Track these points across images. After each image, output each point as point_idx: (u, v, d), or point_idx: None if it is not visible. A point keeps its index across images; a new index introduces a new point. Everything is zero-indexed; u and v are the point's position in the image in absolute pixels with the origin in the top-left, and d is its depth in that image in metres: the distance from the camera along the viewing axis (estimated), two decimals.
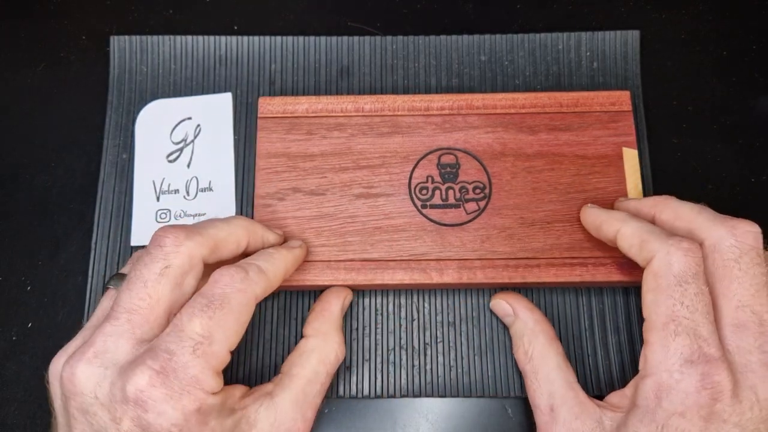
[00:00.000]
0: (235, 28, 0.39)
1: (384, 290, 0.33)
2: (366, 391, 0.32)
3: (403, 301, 0.33)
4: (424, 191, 0.33)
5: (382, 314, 0.33)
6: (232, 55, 0.37)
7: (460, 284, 0.32)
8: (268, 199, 0.33)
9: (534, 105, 0.34)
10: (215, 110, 0.36)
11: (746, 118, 0.37)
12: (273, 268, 0.27)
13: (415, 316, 0.33)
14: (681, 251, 0.25)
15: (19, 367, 0.33)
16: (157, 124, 0.36)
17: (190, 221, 0.34)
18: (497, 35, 0.38)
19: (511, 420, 0.32)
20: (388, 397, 0.32)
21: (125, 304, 0.24)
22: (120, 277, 0.28)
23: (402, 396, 0.32)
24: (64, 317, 0.34)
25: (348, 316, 0.33)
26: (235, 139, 0.36)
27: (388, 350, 0.33)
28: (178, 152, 0.35)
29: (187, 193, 0.35)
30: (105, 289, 0.29)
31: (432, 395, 0.32)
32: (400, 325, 0.33)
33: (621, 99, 0.34)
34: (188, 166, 0.35)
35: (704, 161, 0.36)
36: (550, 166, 0.33)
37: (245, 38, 0.37)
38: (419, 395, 0.32)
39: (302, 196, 0.33)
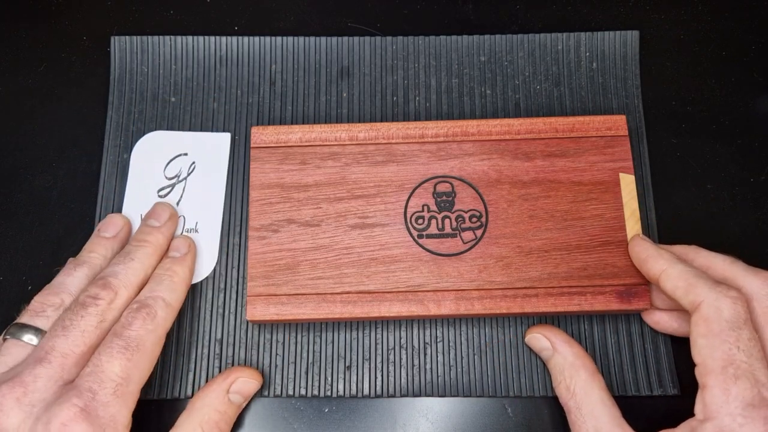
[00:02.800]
0: (236, 28, 0.39)
1: None
2: (366, 391, 0.32)
3: None
4: (420, 220, 0.33)
5: None
6: (233, 55, 0.37)
7: (457, 315, 0.32)
8: (262, 231, 0.32)
9: (529, 131, 0.34)
10: (212, 149, 0.36)
11: (746, 118, 0.37)
12: (176, 296, 0.30)
13: None
14: (730, 299, 0.25)
15: None
16: (152, 156, 0.35)
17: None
18: (497, 35, 0.38)
19: (511, 420, 0.32)
20: (388, 396, 0.32)
21: (61, 349, 0.26)
22: (20, 327, 0.28)
23: (402, 395, 0.32)
24: None
25: None
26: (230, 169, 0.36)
27: (388, 350, 0.33)
28: (170, 188, 0.35)
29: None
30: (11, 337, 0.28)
31: (432, 395, 0.32)
32: (400, 325, 0.33)
33: (617, 123, 0.34)
34: (178, 203, 0.35)
35: (704, 161, 0.36)
36: (546, 194, 0.33)
37: (245, 38, 0.37)
38: (419, 395, 0.32)
39: (297, 227, 0.32)
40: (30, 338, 0.28)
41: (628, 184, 0.33)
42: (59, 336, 0.27)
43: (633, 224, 0.32)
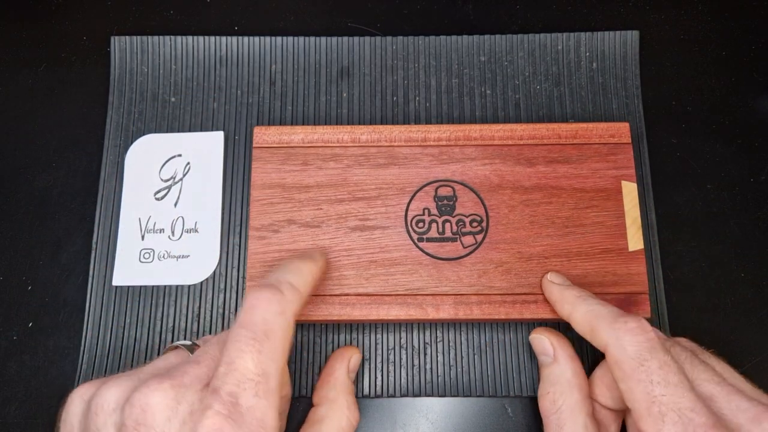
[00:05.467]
0: (236, 28, 0.39)
1: None
2: (366, 391, 0.32)
3: None
4: (421, 224, 0.33)
5: None
6: (233, 55, 0.37)
7: (456, 319, 0.31)
8: (263, 231, 0.32)
9: (532, 136, 0.34)
10: (206, 149, 0.36)
11: (746, 118, 0.37)
12: (303, 282, 0.27)
13: None
14: (629, 333, 0.25)
15: (19, 366, 0.33)
16: (146, 159, 0.35)
17: (172, 262, 0.34)
18: (497, 35, 0.38)
19: (511, 419, 0.32)
20: (388, 396, 0.32)
21: (213, 352, 0.25)
22: (194, 346, 0.28)
23: (402, 395, 0.32)
24: (65, 317, 0.34)
25: None
26: (223, 170, 0.36)
27: (388, 350, 0.33)
28: (166, 190, 0.35)
29: (173, 233, 0.34)
30: (172, 346, 0.28)
31: (432, 395, 0.32)
32: (400, 325, 0.33)
33: (620, 131, 0.34)
34: (175, 205, 0.34)
35: (704, 161, 0.36)
36: (547, 200, 0.33)
37: (245, 38, 0.37)
38: (419, 395, 0.32)
39: (297, 228, 0.32)
40: (187, 346, 0.27)
41: (630, 192, 0.33)
42: (212, 342, 0.26)
43: (634, 232, 0.32)
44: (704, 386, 0.25)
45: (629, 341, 0.25)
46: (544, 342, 0.30)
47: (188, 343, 0.28)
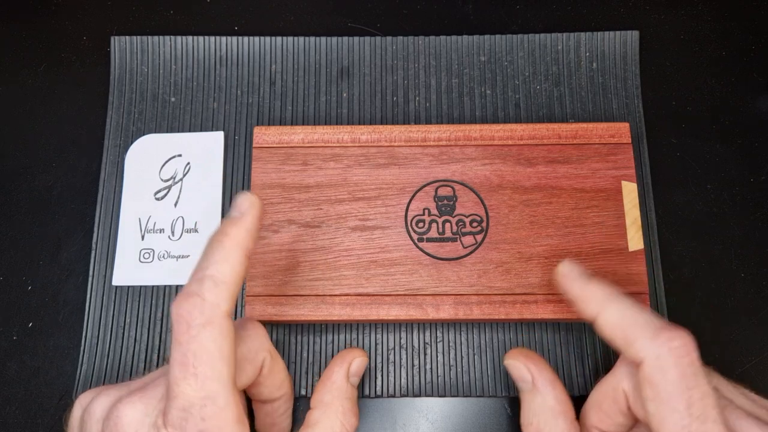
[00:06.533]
0: (236, 28, 0.39)
1: None
2: (366, 391, 0.32)
3: None
4: (421, 224, 0.33)
5: None
6: (233, 55, 0.37)
7: (456, 319, 0.31)
8: (263, 231, 0.32)
9: (532, 136, 0.34)
10: (206, 149, 0.36)
11: (746, 118, 0.37)
12: (229, 268, 0.23)
13: None
14: (673, 355, 0.22)
15: (19, 366, 0.33)
16: (146, 159, 0.35)
17: (172, 262, 0.34)
18: (497, 35, 0.38)
19: (510, 419, 0.32)
20: (388, 396, 0.32)
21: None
22: None
23: (402, 396, 0.32)
24: (65, 317, 0.34)
25: None
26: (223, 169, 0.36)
27: (388, 350, 0.33)
28: (166, 190, 0.35)
29: (172, 233, 0.34)
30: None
31: (432, 395, 0.32)
32: (400, 325, 0.33)
33: (621, 131, 0.34)
34: (175, 205, 0.34)
35: (704, 161, 0.36)
36: (548, 200, 0.33)
37: (245, 38, 0.37)
38: (419, 395, 0.32)
39: (297, 228, 0.32)
40: None
41: (630, 192, 0.33)
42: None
43: (634, 233, 0.32)
44: (732, 418, 0.23)
45: (671, 363, 0.22)
46: (521, 369, 0.28)
47: None
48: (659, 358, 0.22)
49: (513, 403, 0.32)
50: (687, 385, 0.22)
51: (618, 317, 0.24)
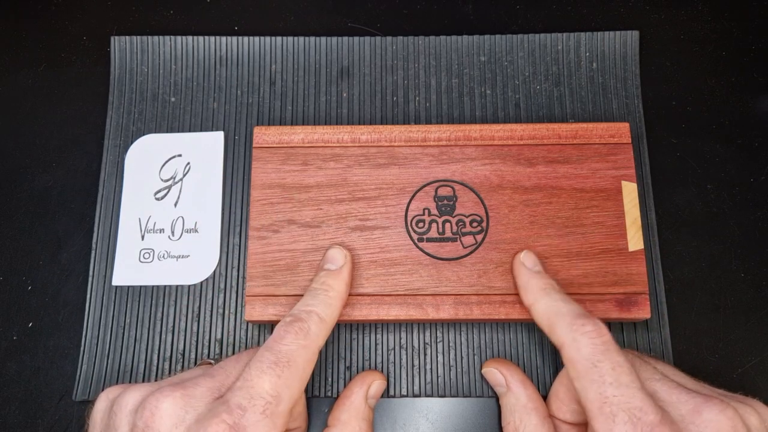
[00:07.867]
0: (236, 28, 0.39)
1: None
2: None
3: None
4: (421, 224, 0.32)
5: None
6: (233, 55, 0.37)
7: (456, 319, 0.31)
8: (263, 231, 0.32)
9: (532, 137, 0.34)
10: (206, 149, 0.36)
11: (746, 118, 0.37)
12: (331, 312, 0.28)
13: None
14: (585, 335, 0.25)
15: (19, 366, 0.33)
16: (146, 159, 0.35)
17: (172, 262, 0.34)
18: (497, 35, 0.38)
19: None
20: (388, 396, 0.32)
21: (228, 368, 0.26)
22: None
23: (402, 396, 0.32)
24: (65, 317, 0.34)
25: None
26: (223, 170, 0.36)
27: (388, 350, 0.33)
28: (166, 190, 0.35)
29: (172, 233, 0.34)
30: (202, 362, 0.30)
31: (432, 395, 0.32)
32: (400, 326, 0.33)
33: (621, 131, 0.34)
34: (175, 205, 0.34)
35: (703, 161, 0.36)
36: (547, 200, 0.33)
37: (245, 38, 0.37)
38: (419, 395, 0.32)
39: (297, 228, 0.32)
40: (214, 361, 0.28)
41: (630, 192, 0.33)
42: (230, 359, 0.27)
43: (634, 233, 0.32)
44: (648, 384, 0.26)
45: (585, 342, 0.25)
46: (495, 374, 0.31)
47: (214, 360, 0.29)
48: (575, 340, 0.25)
49: None
50: (598, 359, 0.25)
51: (546, 307, 0.28)
